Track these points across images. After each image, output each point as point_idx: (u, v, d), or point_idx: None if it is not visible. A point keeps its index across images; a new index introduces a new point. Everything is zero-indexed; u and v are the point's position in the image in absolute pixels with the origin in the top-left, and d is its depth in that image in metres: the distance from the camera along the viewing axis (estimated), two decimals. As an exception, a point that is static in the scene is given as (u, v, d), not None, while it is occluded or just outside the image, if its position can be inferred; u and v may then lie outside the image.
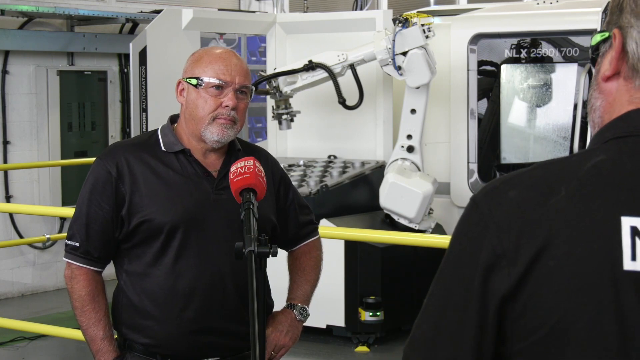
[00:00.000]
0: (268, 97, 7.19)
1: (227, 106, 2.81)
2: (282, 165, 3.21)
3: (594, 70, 1.52)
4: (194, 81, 2.83)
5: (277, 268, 3.08)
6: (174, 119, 2.96)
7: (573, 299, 1.32)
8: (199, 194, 2.84)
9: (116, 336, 2.94)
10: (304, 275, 3.11)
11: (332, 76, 6.71)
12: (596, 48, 1.50)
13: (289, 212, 3.06)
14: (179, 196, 2.82)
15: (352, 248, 6.54)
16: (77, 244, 2.86)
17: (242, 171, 2.55)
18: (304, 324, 3.11)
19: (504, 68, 7.25)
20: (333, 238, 5.78)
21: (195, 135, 2.86)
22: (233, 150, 2.92)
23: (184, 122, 2.90)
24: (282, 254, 3.05)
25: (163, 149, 2.88)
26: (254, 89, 2.93)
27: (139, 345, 2.86)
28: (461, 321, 1.38)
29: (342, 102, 6.72)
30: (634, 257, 1.32)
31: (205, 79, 2.81)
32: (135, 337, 2.86)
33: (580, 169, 1.38)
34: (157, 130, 2.95)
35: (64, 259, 2.90)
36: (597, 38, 1.50)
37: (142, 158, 2.85)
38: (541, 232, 1.34)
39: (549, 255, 1.33)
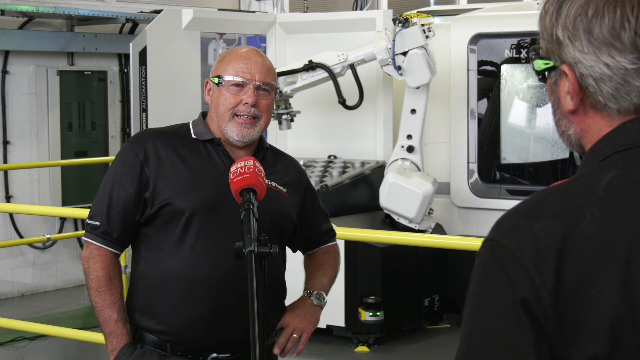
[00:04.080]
0: (268, 97, 7.19)
1: (246, 103, 2.86)
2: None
3: (550, 96, 1.46)
4: (216, 79, 2.90)
5: (292, 274, 3.08)
6: (205, 115, 3.03)
7: (620, 327, 1.28)
8: (223, 184, 2.84)
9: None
10: (322, 270, 3.12)
11: (332, 76, 6.71)
12: (541, 72, 1.45)
13: (314, 220, 3.11)
14: (203, 184, 2.86)
15: (352, 248, 6.54)
16: (98, 223, 2.87)
17: (242, 171, 2.56)
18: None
19: (504, 68, 7.26)
20: (333, 238, 5.77)
21: (220, 132, 2.92)
22: (261, 147, 2.98)
23: (210, 120, 2.97)
24: (295, 258, 3.06)
25: (193, 136, 2.94)
26: (278, 87, 2.98)
27: (150, 336, 2.86)
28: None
29: (342, 102, 6.72)
30: None
31: (226, 78, 2.88)
32: (148, 323, 2.86)
33: (595, 189, 1.34)
34: (187, 122, 3.01)
35: (83, 238, 2.92)
36: (541, 65, 1.44)
37: (171, 144, 2.91)
38: (578, 261, 1.29)
39: (589, 285, 1.29)
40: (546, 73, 1.45)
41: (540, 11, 1.45)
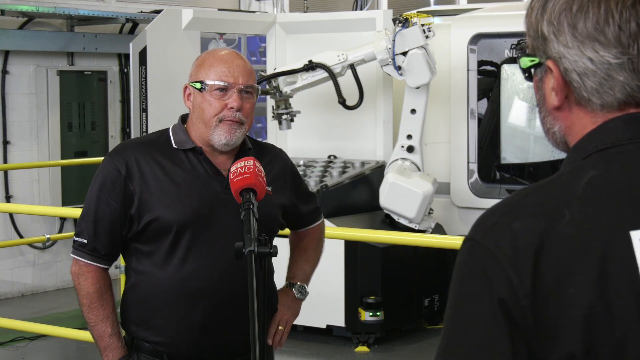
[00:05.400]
0: (268, 97, 7.19)
1: (232, 108, 2.82)
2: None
3: (535, 93, 1.48)
4: (198, 85, 2.85)
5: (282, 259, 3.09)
6: (184, 119, 2.98)
7: (597, 325, 1.28)
8: (209, 194, 2.85)
9: (124, 334, 2.95)
10: (305, 255, 3.16)
11: (332, 76, 6.71)
12: (527, 70, 1.46)
13: (301, 203, 3.11)
14: (188, 195, 2.84)
15: (352, 248, 6.54)
16: (85, 241, 2.86)
17: (242, 171, 2.55)
18: (304, 324, 3.13)
19: (504, 68, 7.26)
20: (333, 238, 5.77)
21: (203, 138, 2.87)
22: (244, 149, 2.93)
23: (192, 126, 2.92)
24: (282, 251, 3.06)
25: (174, 146, 2.90)
26: (259, 88, 2.94)
27: (146, 345, 2.87)
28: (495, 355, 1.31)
29: (342, 102, 6.72)
30: None
31: (209, 82, 2.83)
32: (144, 335, 2.87)
33: (575, 188, 1.34)
34: (168, 129, 2.97)
35: (71, 255, 2.90)
36: (527, 63, 1.45)
37: (152, 156, 2.87)
38: (556, 260, 1.30)
39: (567, 284, 1.29)
40: (532, 71, 1.46)
41: (526, 9, 1.46)
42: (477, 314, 1.32)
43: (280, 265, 3.07)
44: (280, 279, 3.11)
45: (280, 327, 3.02)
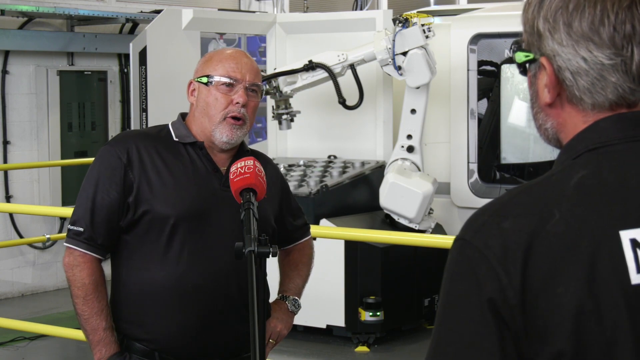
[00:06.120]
0: (268, 97, 7.19)
1: (237, 103, 2.82)
2: (282, 166, 3.24)
3: (529, 89, 1.48)
4: (204, 79, 2.85)
5: (274, 268, 3.09)
6: (184, 116, 2.97)
7: (586, 324, 1.28)
8: (207, 190, 2.84)
9: None
10: (297, 270, 3.15)
11: (332, 76, 6.71)
12: (522, 65, 1.46)
13: (290, 216, 3.10)
14: (187, 190, 2.82)
15: (352, 248, 6.54)
16: (81, 229, 2.82)
17: (242, 171, 2.55)
18: (305, 325, 3.13)
19: (504, 68, 7.25)
20: (333, 238, 5.77)
21: (205, 134, 2.87)
22: (242, 150, 2.94)
23: (193, 122, 2.91)
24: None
25: (175, 139, 2.89)
26: (264, 89, 2.94)
27: (137, 344, 2.84)
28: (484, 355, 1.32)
29: (342, 102, 6.72)
30: (639, 270, 1.30)
31: (216, 77, 2.84)
32: (135, 332, 2.83)
33: (565, 188, 1.35)
34: (167, 124, 2.96)
35: (65, 244, 2.84)
36: (522, 58, 1.45)
37: (153, 146, 2.85)
38: (545, 259, 1.30)
39: (556, 283, 1.29)
40: (527, 65, 1.46)
41: (524, 3, 1.46)
42: (466, 313, 1.32)
43: (272, 270, 3.06)
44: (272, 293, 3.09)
45: (271, 340, 3.01)
